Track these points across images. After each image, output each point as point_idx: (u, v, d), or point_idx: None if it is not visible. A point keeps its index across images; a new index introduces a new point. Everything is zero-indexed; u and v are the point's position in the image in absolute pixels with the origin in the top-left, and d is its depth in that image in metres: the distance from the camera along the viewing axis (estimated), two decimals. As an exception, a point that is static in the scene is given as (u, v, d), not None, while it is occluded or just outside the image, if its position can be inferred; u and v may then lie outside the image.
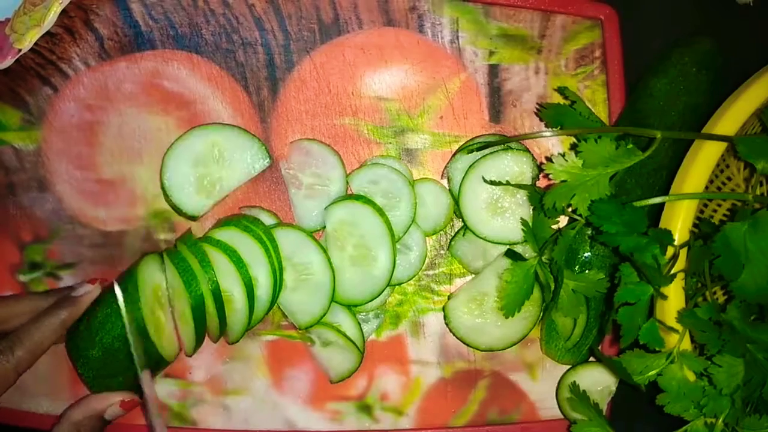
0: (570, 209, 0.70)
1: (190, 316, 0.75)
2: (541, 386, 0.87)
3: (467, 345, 0.84)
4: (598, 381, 0.83)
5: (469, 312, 0.83)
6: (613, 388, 0.84)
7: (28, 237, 0.82)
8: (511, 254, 0.81)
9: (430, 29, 0.84)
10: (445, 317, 0.84)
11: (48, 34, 0.78)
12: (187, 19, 0.82)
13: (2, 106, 0.80)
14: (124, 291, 0.75)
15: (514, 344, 0.84)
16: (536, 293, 0.80)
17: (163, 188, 0.80)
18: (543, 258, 0.77)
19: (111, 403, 0.74)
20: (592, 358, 0.84)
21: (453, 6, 0.84)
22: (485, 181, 0.79)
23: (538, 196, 0.73)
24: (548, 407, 0.87)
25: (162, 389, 0.83)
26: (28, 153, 0.81)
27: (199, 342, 0.78)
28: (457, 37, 0.84)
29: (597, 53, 0.86)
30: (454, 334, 0.84)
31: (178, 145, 0.80)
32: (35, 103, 0.81)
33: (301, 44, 0.83)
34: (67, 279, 0.82)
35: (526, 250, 0.82)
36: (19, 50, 0.63)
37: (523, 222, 0.79)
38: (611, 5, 0.85)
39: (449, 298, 0.84)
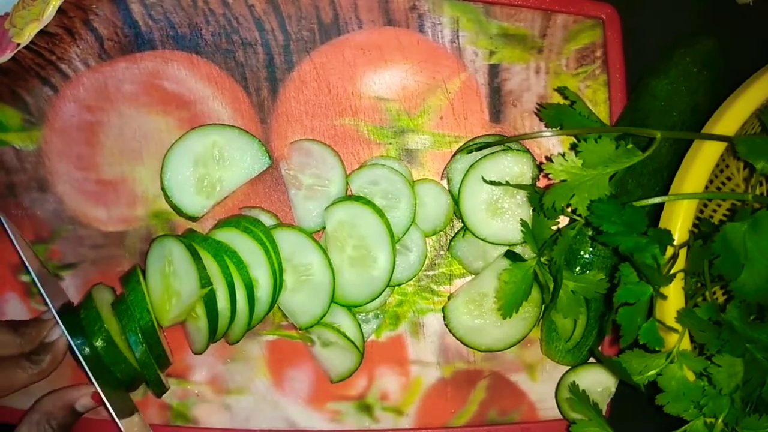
0: (569, 209, 0.70)
1: (203, 311, 0.76)
2: (541, 386, 0.87)
3: (467, 345, 0.84)
4: (598, 382, 0.83)
5: (468, 312, 0.83)
6: (613, 389, 0.84)
7: (29, 237, 0.82)
8: (510, 255, 0.81)
9: (430, 29, 0.84)
10: (444, 318, 0.84)
11: (48, 34, 0.79)
12: (186, 20, 0.82)
13: (3, 107, 0.80)
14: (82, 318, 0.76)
15: (514, 345, 0.84)
16: (536, 294, 0.80)
17: (163, 189, 0.80)
18: (542, 259, 0.77)
19: (83, 394, 0.75)
20: (592, 359, 0.84)
21: (453, 5, 0.84)
22: (485, 181, 0.79)
23: (537, 197, 0.73)
24: (548, 407, 0.87)
25: (162, 389, 0.84)
26: (29, 154, 0.81)
27: (211, 337, 0.78)
28: (458, 37, 0.84)
29: (598, 53, 0.86)
30: (453, 335, 0.84)
31: (178, 146, 0.80)
32: (35, 104, 0.81)
33: (300, 44, 0.83)
34: (68, 279, 0.82)
35: (526, 251, 0.82)
36: (18, 44, 0.62)
37: (523, 223, 0.79)
38: (613, 5, 0.85)
39: (449, 298, 0.84)
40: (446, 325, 0.84)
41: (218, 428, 0.84)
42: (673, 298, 0.68)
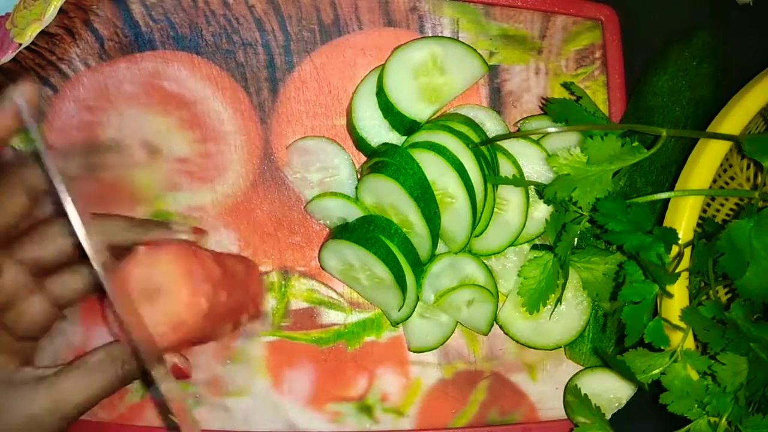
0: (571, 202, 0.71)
1: (460, 184, 0.75)
2: (542, 387, 0.87)
3: (536, 348, 0.84)
4: (610, 388, 0.82)
5: (523, 316, 0.82)
6: (624, 402, 0.83)
7: (27, 238, 0.81)
8: (536, 248, 0.81)
9: (430, 30, 0.84)
10: (502, 327, 0.83)
11: (48, 34, 0.79)
12: (187, 20, 0.81)
13: (2, 107, 0.80)
14: None
15: (582, 331, 0.82)
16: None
17: (388, 101, 0.79)
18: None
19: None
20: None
21: (453, 7, 0.84)
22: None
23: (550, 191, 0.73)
24: (548, 408, 0.87)
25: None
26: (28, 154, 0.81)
27: (474, 217, 0.77)
28: (458, 38, 0.84)
29: (597, 54, 0.86)
30: (518, 341, 0.83)
31: (397, 58, 0.80)
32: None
33: (301, 45, 0.83)
34: (66, 280, 0.82)
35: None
36: (20, 44, 0.62)
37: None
38: (611, 6, 0.85)
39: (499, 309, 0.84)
40: (506, 333, 0.83)
41: (217, 430, 0.84)
42: (678, 296, 0.69)
